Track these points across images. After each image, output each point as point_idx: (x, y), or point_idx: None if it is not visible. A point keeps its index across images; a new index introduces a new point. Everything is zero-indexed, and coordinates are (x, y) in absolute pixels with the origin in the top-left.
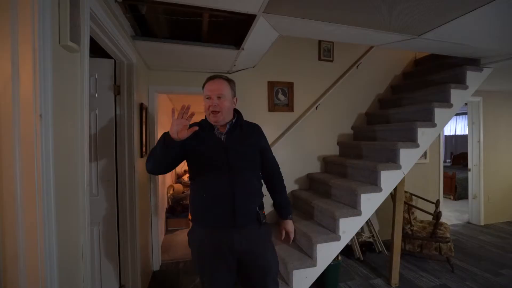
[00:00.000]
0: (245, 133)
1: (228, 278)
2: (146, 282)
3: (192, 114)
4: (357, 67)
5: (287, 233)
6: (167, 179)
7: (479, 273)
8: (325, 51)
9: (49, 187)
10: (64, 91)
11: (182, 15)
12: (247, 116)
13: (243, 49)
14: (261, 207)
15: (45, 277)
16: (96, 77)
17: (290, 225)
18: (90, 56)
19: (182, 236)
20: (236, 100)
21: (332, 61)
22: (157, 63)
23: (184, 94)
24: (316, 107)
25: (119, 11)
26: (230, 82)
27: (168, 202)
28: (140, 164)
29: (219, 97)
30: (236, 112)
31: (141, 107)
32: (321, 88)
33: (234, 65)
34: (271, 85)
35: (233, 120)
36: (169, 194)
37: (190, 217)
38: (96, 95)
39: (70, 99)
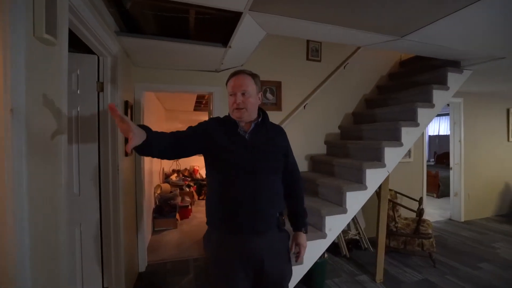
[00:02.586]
0: (270, 134)
1: (245, 286)
2: (131, 283)
3: (117, 115)
4: (344, 67)
5: (298, 247)
6: (155, 178)
7: (460, 267)
8: (313, 51)
9: (21, 185)
10: (39, 86)
11: (168, 11)
12: None
13: (230, 47)
14: (282, 212)
15: (15, 280)
16: (78, 73)
17: (304, 238)
18: (73, 52)
19: (170, 236)
20: (261, 96)
21: (320, 61)
22: (143, 60)
23: (172, 92)
24: (304, 106)
25: (101, 5)
26: (255, 77)
27: (155, 202)
28: (125, 163)
29: (243, 94)
30: (262, 112)
31: (126, 104)
32: (309, 87)
33: (222, 64)
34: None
35: (259, 119)
36: (156, 194)
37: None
38: (78, 92)
39: (47, 95)
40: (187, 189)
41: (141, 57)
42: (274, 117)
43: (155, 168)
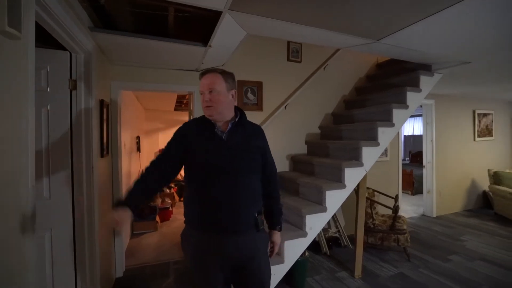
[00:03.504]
0: (249, 134)
1: (223, 285)
2: None
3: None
4: (324, 68)
5: (272, 244)
6: (132, 180)
7: (431, 260)
8: (294, 52)
9: None
10: (1, 82)
11: (146, 8)
12: None
13: (210, 46)
14: (260, 212)
15: None
16: (48, 69)
17: (278, 236)
18: (44, 47)
19: (149, 239)
20: (235, 93)
21: (300, 62)
22: (120, 57)
23: (151, 91)
24: (285, 106)
25: None
26: (225, 74)
27: None
28: (101, 164)
29: (210, 92)
30: (239, 111)
31: (102, 103)
32: (290, 88)
33: (202, 63)
34: (241, 84)
35: (236, 119)
36: None
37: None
38: (48, 90)
39: (10, 92)
40: (168, 191)
41: (117, 55)
42: (255, 117)
43: (133, 169)
